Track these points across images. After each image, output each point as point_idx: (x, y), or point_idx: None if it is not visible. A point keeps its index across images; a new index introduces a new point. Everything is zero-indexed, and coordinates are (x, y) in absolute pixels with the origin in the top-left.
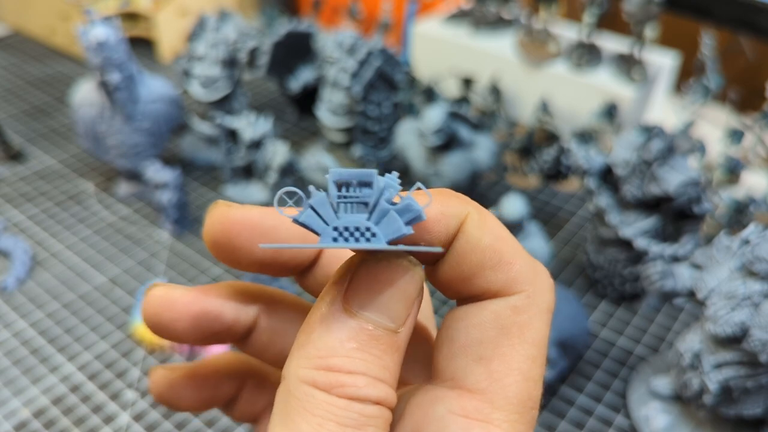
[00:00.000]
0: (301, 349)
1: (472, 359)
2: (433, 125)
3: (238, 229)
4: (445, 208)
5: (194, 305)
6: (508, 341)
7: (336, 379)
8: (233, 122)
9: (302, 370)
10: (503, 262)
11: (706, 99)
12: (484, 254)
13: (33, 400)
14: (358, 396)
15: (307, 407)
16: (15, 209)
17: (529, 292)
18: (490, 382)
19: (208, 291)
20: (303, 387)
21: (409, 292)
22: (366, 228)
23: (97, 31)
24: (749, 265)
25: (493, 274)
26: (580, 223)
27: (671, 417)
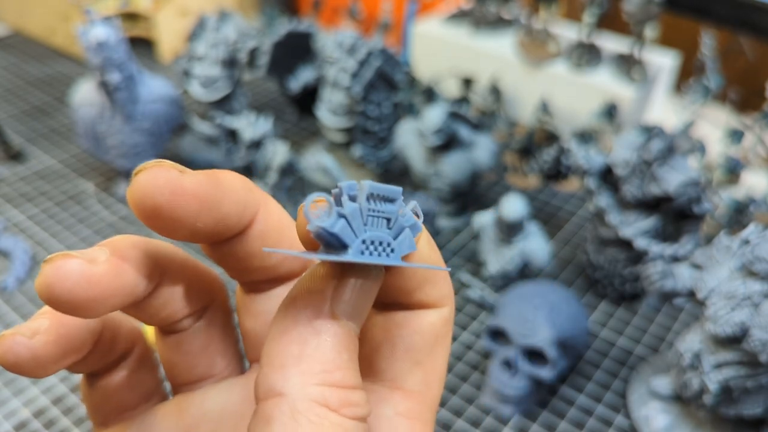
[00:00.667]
0: (300, 363)
1: (412, 364)
2: (433, 125)
3: (188, 201)
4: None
5: (116, 282)
6: (439, 348)
7: (345, 398)
8: (233, 122)
9: (311, 388)
10: (440, 279)
11: (706, 99)
12: (429, 270)
13: (33, 400)
14: (362, 415)
15: (291, 414)
16: (15, 209)
17: (451, 305)
18: (425, 385)
19: (125, 261)
20: (315, 408)
21: (373, 297)
22: (387, 243)
23: (97, 31)
24: (749, 265)
25: (432, 288)
26: (580, 223)
27: (671, 417)
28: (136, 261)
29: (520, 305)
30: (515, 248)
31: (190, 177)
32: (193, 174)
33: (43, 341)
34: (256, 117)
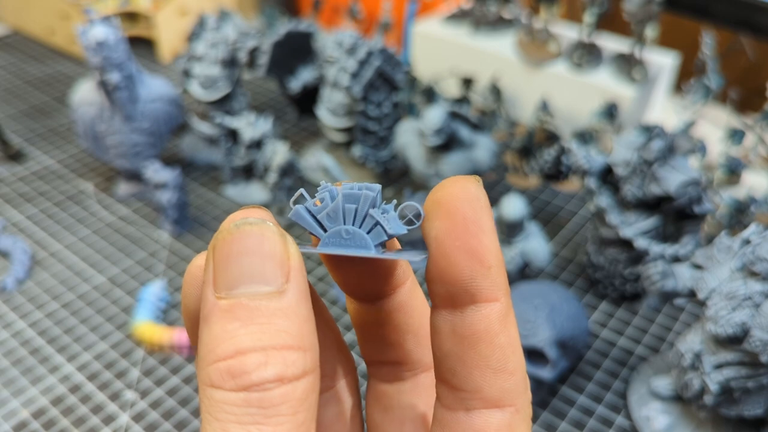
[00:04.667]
0: (197, 356)
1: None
2: (433, 125)
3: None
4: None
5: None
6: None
7: (227, 368)
8: (233, 122)
9: (201, 372)
10: (506, 371)
11: (706, 99)
12: (494, 352)
13: (32, 400)
14: (252, 383)
15: (212, 412)
16: (14, 209)
17: (518, 406)
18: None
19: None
20: (205, 390)
21: (271, 251)
22: (360, 236)
23: (96, 30)
24: (750, 265)
25: (494, 376)
26: (580, 223)
27: (672, 417)
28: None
29: (520, 305)
30: (515, 248)
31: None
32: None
33: None
34: (256, 117)
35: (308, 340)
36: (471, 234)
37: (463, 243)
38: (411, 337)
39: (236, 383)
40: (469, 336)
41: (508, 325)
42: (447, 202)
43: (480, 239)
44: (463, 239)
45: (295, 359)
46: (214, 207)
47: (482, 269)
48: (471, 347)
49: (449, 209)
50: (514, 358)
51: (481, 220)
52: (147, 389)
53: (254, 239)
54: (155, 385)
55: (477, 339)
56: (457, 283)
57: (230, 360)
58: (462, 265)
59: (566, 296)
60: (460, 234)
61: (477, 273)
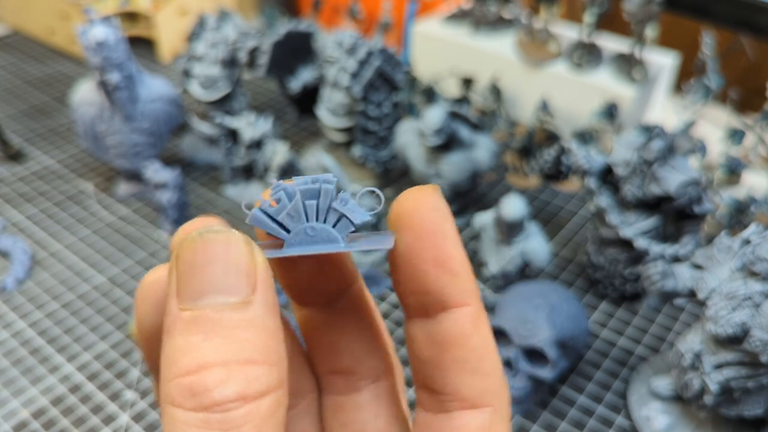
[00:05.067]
0: (161, 370)
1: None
2: (433, 125)
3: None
4: (444, 281)
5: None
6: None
7: (188, 385)
8: (233, 122)
9: (162, 389)
10: (482, 372)
11: (707, 99)
12: (469, 354)
13: (32, 400)
14: (213, 401)
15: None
16: (14, 209)
17: (496, 406)
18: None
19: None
20: (166, 408)
21: (236, 259)
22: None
23: (96, 30)
24: (750, 265)
25: (471, 378)
26: (580, 223)
27: (672, 417)
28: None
29: (520, 305)
30: (515, 248)
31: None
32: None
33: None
34: (256, 117)
35: (274, 354)
36: (435, 244)
37: (428, 253)
38: (362, 342)
39: (197, 402)
40: (444, 341)
41: (480, 327)
42: (408, 214)
43: (444, 248)
44: (428, 250)
45: (259, 375)
46: (214, 207)
47: (449, 276)
48: (446, 351)
49: (411, 222)
50: (489, 359)
51: (443, 229)
52: (147, 389)
53: (219, 247)
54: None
55: (451, 343)
56: (427, 292)
57: (191, 376)
58: (430, 275)
59: (566, 296)
60: (424, 245)
61: (445, 281)
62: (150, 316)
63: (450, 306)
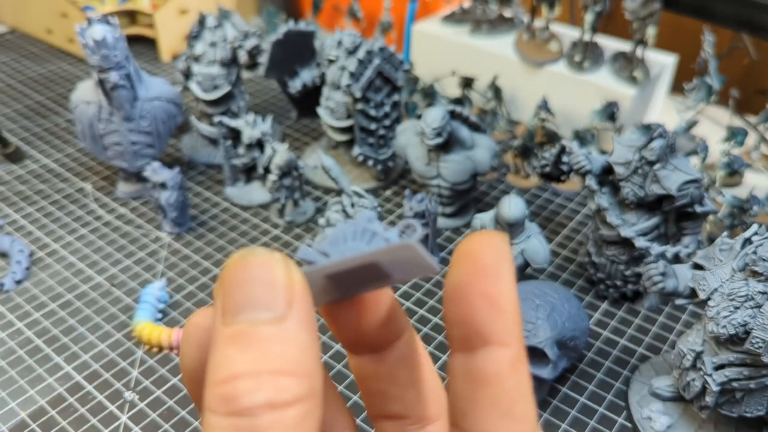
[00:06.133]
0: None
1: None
2: (433, 125)
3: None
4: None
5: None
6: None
7: (222, 393)
8: (233, 122)
9: (205, 399)
10: (513, 417)
11: (708, 98)
12: (501, 396)
13: (31, 401)
14: (242, 407)
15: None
16: (13, 210)
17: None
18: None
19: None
20: (204, 415)
21: (273, 278)
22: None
23: (95, 29)
24: (752, 266)
25: (501, 421)
26: (581, 223)
27: (673, 418)
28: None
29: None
30: (515, 248)
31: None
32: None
33: None
34: (256, 117)
35: (305, 367)
36: (489, 279)
37: (480, 287)
38: (412, 390)
39: (228, 408)
40: (479, 378)
41: (518, 371)
42: (471, 250)
43: (497, 285)
44: (481, 283)
45: (289, 385)
46: (214, 207)
47: (496, 313)
48: (480, 389)
49: (472, 256)
50: (522, 405)
51: (500, 268)
52: (146, 389)
53: (258, 267)
54: (154, 386)
55: (486, 382)
56: (471, 324)
57: (224, 385)
58: (477, 308)
59: (567, 296)
60: (479, 278)
61: (490, 316)
62: (193, 356)
63: (491, 343)
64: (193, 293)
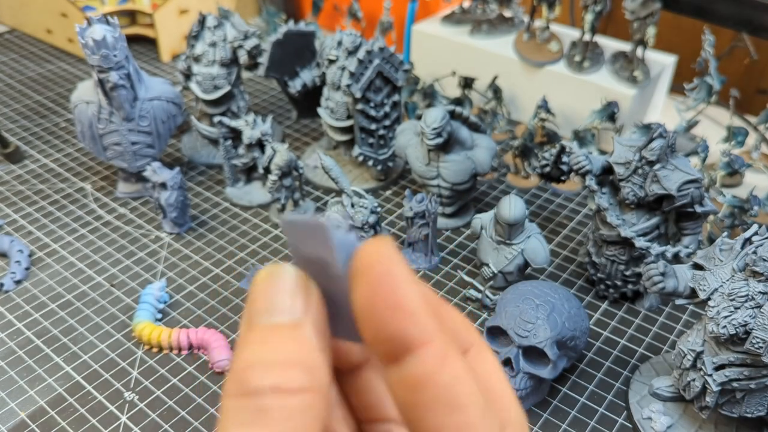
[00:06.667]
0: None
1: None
2: (433, 125)
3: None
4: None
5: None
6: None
7: (235, 378)
8: (233, 122)
9: (225, 386)
10: (458, 406)
11: (708, 98)
12: (440, 392)
13: (31, 401)
14: (252, 389)
15: (222, 418)
16: (12, 210)
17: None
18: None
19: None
20: (223, 401)
21: (291, 288)
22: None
23: (95, 29)
24: (752, 266)
25: (449, 416)
26: (581, 223)
27: (673, 418)
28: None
29: (520, 305)
30: (515, 248)
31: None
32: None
33: None
34: (256, 117)
35: (314, 365)
36: (387, 288)
37: (382, 299)
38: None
39: (239, 389)
40: (414, 384)
41: (448, 362)
42: (359, 268)
43: (396, 290)
44: (381, 295)
45: (296, 375)
46: (214, 207)
47: (405, 318)
48: (419, 393)
49: (363, 274)
50: (464, 392)
51: (392, 271)
52: (146, 390)
53: (278, 279)
54: (154, 386)
55: (421, 384)
56: (389, 339)
57: (240, 372)
58: (388, 321)
59: (567, 296)
60: (377, 291)
61: (402, 323)
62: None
63: (413, 348)
64: (193, 293)
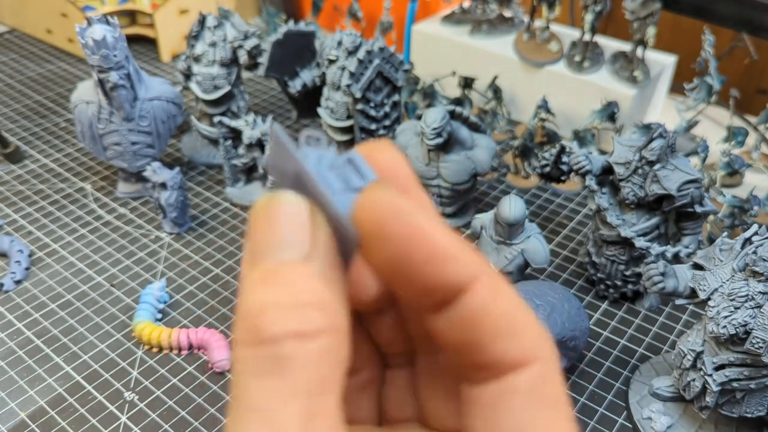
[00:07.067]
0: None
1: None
2: (433, 125)
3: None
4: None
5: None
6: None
7: (247, 326)
8: (233, 122)
9: (233, 335)
10: (517, 332)
11: (708, 98)
12: (498, 321)
13: (30, 401)
14: (267, 337)
15: (235, 368)
16: (12, 210)
17: (542, 358)
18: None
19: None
20: (237, 351)
21: (298, 220)
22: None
23: (95, 29)
24: (752, 266)
25: (509, 342)
26: (581, 223)
27: (673, 418)
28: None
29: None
30: (515, 248)
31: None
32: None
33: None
34: (256, 117)
35: (331, 303)
36: (418, 242)
37: (417, 255)
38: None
39: (253, 338)
40: (472, 322)
41: (497, 292)
42: (377, 229)
43: (427, 239)
44: (415, 252)
45: (313, 317)
46: (214, 207)
47: (450, 262)
48: (477, 329)
49: (384, 237)
50: (520, 317)
51: (414, 222)
52: (146, 390)
53: (283, 208)
54: (154, 386)
55: (476, 320)
56: (437, 289)
57: (251, 317)
58: (431, 273)
59: (567, 296)
60: (408, 250)
61: (450, 269)
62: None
63: (464, 288)
64: (193, 293)
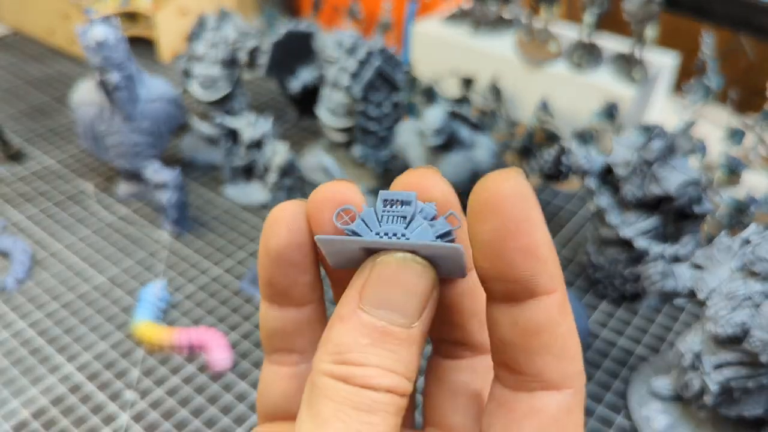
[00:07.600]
0: (323, 346)
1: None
2: (433, 125)
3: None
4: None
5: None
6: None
7: (351, 372)
8: (233, 122)
9: (323, 364)
10: (567, 357)
11: (707, 99)
12: (556, 341)
13: (32, 400)
14: (371, 384)
15: (327, 395)
16: (14, 209)
17: (576, 388)
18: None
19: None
20: (323, 378)
21: (420, 290)
22: (402, 234)
23: (96, 30)
24: (750, 265)
25: (556, 363)
26: (580, 223)
27: (672, 418)
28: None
29: None
30: None
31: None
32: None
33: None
34: (256, 117)
35: (414, 370)
36: (524, 233)
37: (517, 243)
38: (476, 322)
39: (358, 381)
40: (531, 328)
41: (566, 313)
42: (494, 202)
43: (533, 236)
44: (516, 239)
45: (400, 383)
46: (214, 207)
47: (537, 264)
48: (533, 338)
49: (498, 210)
50: (574, 344)
51: (530, 216)
52: (147, 389)
53: (411, 276)
54: (155, 385)
55: (539, 330)
56: (513, 280)
57: (357, 368)
58: (520, 265)
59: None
60: (513, 234)
61: (533, 269)
62: (281, 236)
63: (538, 293)
64: (194, 293)
